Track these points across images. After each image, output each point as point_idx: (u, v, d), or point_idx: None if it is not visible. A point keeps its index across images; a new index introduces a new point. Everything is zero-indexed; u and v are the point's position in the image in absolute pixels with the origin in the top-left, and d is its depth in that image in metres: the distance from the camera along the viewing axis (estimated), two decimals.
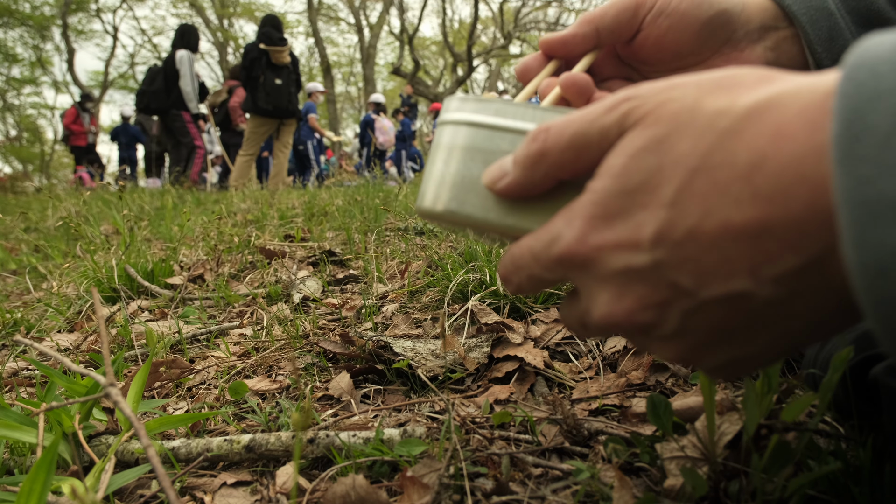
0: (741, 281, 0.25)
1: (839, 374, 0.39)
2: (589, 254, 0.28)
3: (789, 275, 0.24)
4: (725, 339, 0.28)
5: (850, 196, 0.21)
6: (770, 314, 0.26)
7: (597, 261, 0.28)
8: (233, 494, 0.56)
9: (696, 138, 0.26)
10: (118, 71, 24.42)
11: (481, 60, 21.53)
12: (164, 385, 0.89)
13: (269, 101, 5.36)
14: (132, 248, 1.69)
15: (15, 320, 1.28)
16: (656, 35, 0.48)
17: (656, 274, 0.27)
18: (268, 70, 5.34)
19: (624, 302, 0.28)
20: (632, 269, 0.27)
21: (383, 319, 1.05)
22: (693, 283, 0.26)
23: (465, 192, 0.34)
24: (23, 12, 19.76)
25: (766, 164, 0.24)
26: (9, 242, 2.54)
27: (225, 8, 22.37)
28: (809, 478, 0.39)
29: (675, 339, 0.29)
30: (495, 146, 0.34)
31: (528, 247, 0.32)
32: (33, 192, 6.35)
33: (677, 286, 0.27)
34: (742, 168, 0.24)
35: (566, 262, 0.30)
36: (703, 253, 0.26)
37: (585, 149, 0.29)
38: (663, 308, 0.28)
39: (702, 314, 0.27)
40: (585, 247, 0.28)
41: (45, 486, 0.41)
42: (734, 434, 0.46)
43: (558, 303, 1.01)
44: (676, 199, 0.26)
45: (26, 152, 24.68)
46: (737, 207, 0.24)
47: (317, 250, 1.66)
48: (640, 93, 0.28)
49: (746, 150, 0.24)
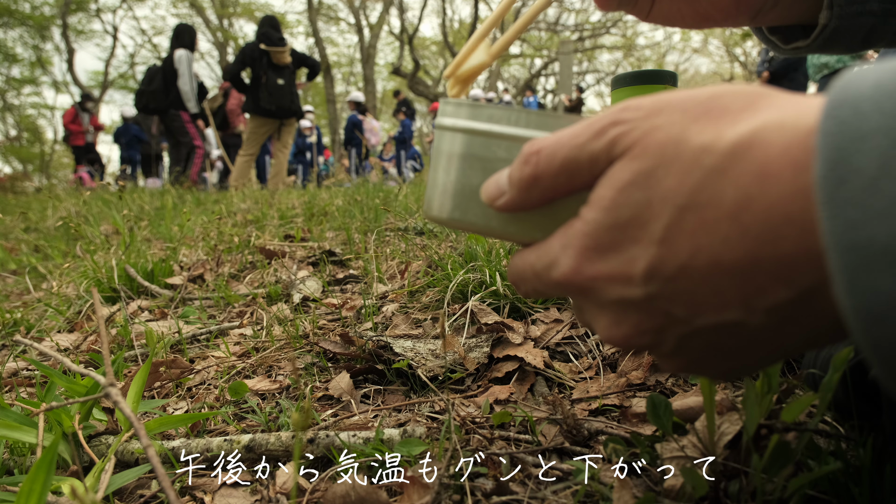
0: (733, 312, 0.26)
1: (839, 374, 0.39)
2: (584, 283, 0.29)
3: (781, 306, 0.25)
4: (723, 355, 0.29)
5: (838, 240, 0.21)
6: (765, 337, 0.27)
7: (593, 290, 0.29)
8: (233, 494, 0.56)
9: (682, 175, 0.26)
10: (118, 71, 24.42)
11: None
12: (164, 385, 0.89)
13: (271, 101, 5.37)
14: (132, 248, 1.69)
15: (15, 320, 1.28)
16: None
17: (650, 304, 0.28)
18: (269, 70, 5.35)
19: (621, 328, 0.30)
20: (626, 299, 0.28)
21: (383, 319, 1.05)
22: (686, 313, 0.27)
23: (466, 201, 0.35)
24: (23, 12, 19.76)
25: (752, 205, 0.24)
26: (9, 242, 2.54)
27: (225, 8, 22.37)
28: (809, 478, 0.39)
29: (675, 356, 0.30)
30: (492, 154, 0.34)
31: (530, 264, 0.33)
32: (33, 192, 6.35)
33: (671, 315, 0.28)
34: (729, 207, 0.24)
35: (564, 287, 0.31)
36: (695, 287, 0.26)
37: (577, 173, 0.30)
38: (659, 333, 0.29)
39: (697, 338, 0.28)
40: (581, 276, 0.29)
41: (45, 486, 0.41)
42: (734, 434, 0.46)
43: (558, 303, 1.01)
44: (666, 236, 0.26)
45: (26, 152, 24.68)
46: (726, 245, 0.25)
47: (317, 250, 1.66)
48: (627, 117, 0.28)
49: (733, 190, 0.24)
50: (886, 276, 0.20)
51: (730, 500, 0.45)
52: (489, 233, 0.35)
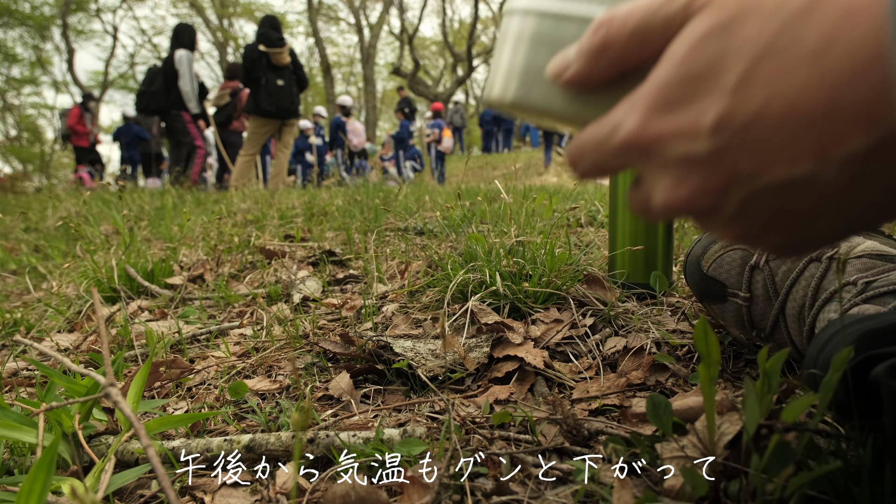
0: (806, 164, 0.25)
1: (839, 374, 0.39)
2: (648, 142, 0.29)
3: (858, 156, 0.24)
4: (788, 222, 0.28)
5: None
6: (836, 197, 0.26)
7: (656, 148, 0.29)
8: (233, 494, 0.56)
9: (763, 22, 0.25)
10: (118, 71, 24.43)
11: (481, 60, 21.52)
12: (164, 385, 0.89)
13: (271, 102, 5.36)
14: (132, 248, 1.69)
15: (15, 320, 1.28)
16: None
17: (715, 161, 0.27)
18: (269, 71, 5.34)
19: (682, 189, 0.29)
20: (691, 156, 0.28)
21: (383, 319, 1.05)
22: (754, 168, 0.26)
23: (531, 82, 0.35)
24: (23, 12, 19.75)
25: (835, 46, 0.23)
26: (9, 242, 2.54)
27: (225, 8, 22.36)
28: (809, 477, 0.39)
29: (736, 222, 0.29)
30: (561, 34, 0.34)
31: (591, 135, 0.32)
32: (33, 192, 6.34)
33: (737, 172, 0.27)
34: (810, 50, 0.24)
35: (626, 150, 0.30)
36: (765, 138, 0.25)
37: (649, 38, 0.30)
38: (722, 193, 0.28)
39: (762, 199, 0.27)
40: (645, 135, 0.29)
41: (45, 486, 0.41)
42: (734, 434, 0.46)
43: (558, 303, 1.01)
44: (739, 85, 0.26)
45: (26, 152, 24.67)
46: (803, 91, 0.24)
47: (317, 250, 1.66)
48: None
49: (816, 31, 0.24)
50: None
51: (730, 500, 0.45)
52: (550, 115, 0.35)
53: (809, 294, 0.63)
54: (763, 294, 0.69)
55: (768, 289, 0.68)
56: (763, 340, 0.72)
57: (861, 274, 0.60)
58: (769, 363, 0.42)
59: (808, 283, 0.64)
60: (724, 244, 0.73)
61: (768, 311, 0.69)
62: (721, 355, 0.74)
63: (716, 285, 0.73)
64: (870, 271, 0.60)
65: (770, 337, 0.70)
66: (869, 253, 0.62)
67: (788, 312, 0.66)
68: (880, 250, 0.63)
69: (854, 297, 0.58)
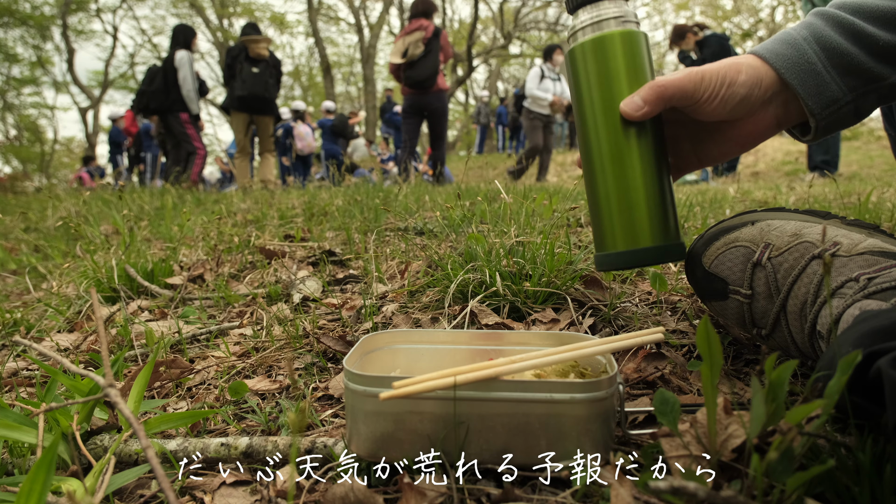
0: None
1: (846, 378, 0.39)
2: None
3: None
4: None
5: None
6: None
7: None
8: (232, 494, 0.56)
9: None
10: (118, 71, 24.41)
11: (481, 60, 21.51)
12: (164, 385, 0.89)
13: (243, 87, 5.48)
14: (132, 248, 1.69)
15: (15, 320, 1.28)
16: (706, 108, 0.66)
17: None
18: (245, 62, 5.52)
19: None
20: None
21: (383, 319, 1.05)
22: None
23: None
24: (23, 12, 19.74)
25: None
26: (9, 242, 2.54)
27: (225, 8, 22.36)
28: (808, 476, 0.39)
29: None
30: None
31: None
32: (33, 192, 6.34)
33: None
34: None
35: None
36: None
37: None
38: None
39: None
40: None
41: (44, 487, 0.41)
42: (742, 437, 0.46)
43: (558, 303, 1.01)
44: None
45: (26, 152, 24.66)
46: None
47: (317, 250, 1.66)
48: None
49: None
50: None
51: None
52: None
53: (811, 291, 0.63)
54: (765, 291, 0.69)
55: (770, 286, 0.68)
56: (763, 339, 0.72)
57: (863, 270, 0.60)
58: (775, 374, 0.42)
59: (811, 280, 0.64)
60: (725, 242, 0.73)
61: (769, 309, 0.69)
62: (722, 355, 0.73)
63: (717, 282, 0.73)
64: (871, 268, 0.60)
65: (771, 335, 0.70)
66: (871, 250, 0.63)
67: (790, 310, 0.66)
68: (882, 247, 0.63)
69: (856, 293, 0.58)
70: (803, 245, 0.67)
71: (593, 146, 0.70)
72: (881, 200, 2.12)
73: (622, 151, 0.68)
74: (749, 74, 0.65)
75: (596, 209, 0.72)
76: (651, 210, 0.68)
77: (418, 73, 4.95)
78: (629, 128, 0.67)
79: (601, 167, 0.69)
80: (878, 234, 0.68)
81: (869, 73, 0.63)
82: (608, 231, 0.70)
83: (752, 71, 0.65)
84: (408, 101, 5.21)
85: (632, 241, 0.68)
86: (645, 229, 0.68)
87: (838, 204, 2.06)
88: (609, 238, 0.70)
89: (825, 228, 0.64)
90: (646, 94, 0.66)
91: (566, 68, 0.75)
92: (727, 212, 2.01)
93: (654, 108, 0.66)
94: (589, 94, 0.70)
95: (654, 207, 0.68)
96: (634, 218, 0.68)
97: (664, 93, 0.65)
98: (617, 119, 0.68)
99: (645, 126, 0.68)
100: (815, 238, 0.67)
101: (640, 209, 0.68)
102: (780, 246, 0.69)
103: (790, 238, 0.69)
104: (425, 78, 4.97)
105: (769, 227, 0.71)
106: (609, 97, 0.69)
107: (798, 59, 0.64)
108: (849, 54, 0.63)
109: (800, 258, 0.66)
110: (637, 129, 0.68)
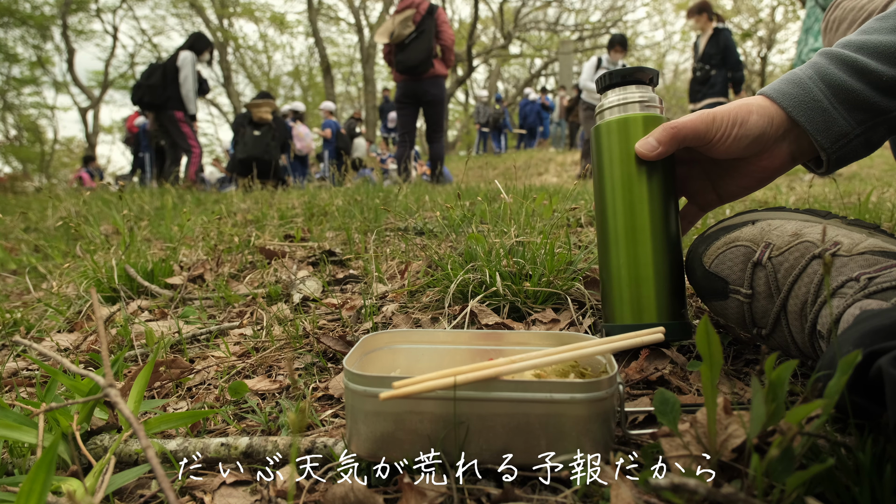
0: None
1: (846, 378, 0.39)
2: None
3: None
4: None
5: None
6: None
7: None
8: (232, 494, 0.56)
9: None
10: (118, 71, 24.40)
11: (481, 60, 21.51)
12: (164, 385, 0.89)
13: (244, 150, 5.70)
14: (132, 248, 1.69)
15: (15, 320, 1.28)
16: (720, 148, 0.70)
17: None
18: (248, 126, 5.80)
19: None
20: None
21: (383, 319, 1.05)
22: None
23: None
24: (23, 12, 19.73)
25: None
26: (9, 242, 2.54)
27: (225, 8, 22.35)
28: (808, 475, 0.39)
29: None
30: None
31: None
32: (33, 192, 6.34)
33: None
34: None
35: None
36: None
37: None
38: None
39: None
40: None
41: (44, 487, 0.41)
42: (742, 437, 0.46)
43: (558, 303, 1.01)
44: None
45: (26, 152, 24.65)
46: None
47: (317, 250, 1.66)
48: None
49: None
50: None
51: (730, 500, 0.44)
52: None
53: (812, 291, 0.63)
54: (765, 291, 0.69)
55: (770, 286, 0.68)
56: (763, 339, 0.72)
57: (863, 270, 0.60)
58: (775, 374, 0.42)
59: (811, 280, 0.64)
60: (726, 241, 0.73)
61: (770, 309, 0.69)
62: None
63: (717, 282, 0.73)
64: (872, 267, 0.60)
65: (771, 335, 0.70)
66: (871, 250, 0.63)
67: (790, 310, 0.66)
68: (882, 247, 0.63)
69: (857, 292, 0.58)
70: (804, 245, 0.67)
71: (609, 219, 0.76)
72: (881, 200, 2.12)
73: (637, 228, 0.74)
74: (760, 114, 0.68)
75: (607, 280, 0.77)
76: (659, 287, 0.73)
77: (409, 57, 4.38)
78: (645, 207, 0.74)
79: (615, 240, 0.75)
80: (878, 233, 0.68)
81: (875, 106, 0.65)
82: (617, 303, 0.75)
83: (763, 111, 0.68)
84: (401, 88, 4.64)
85: (637, 316, 0.74)
86: (651, 306, 0.73)
87: (838, 204, 2.06)
88: (618, 310, 0.75)
89: (825, 228, 0.64)
90: (660, 134, 0.71)
91: (591, 144, 0.81)
92: (727, 211, 2.01)
93: (668, 148, 0.71)
94: (610, 170, 0.76)
95: (662, 285, 0.73)
96: (642, 294, 0.73)
97: (677, 134, 0.69)
98: (634, 196, 0.74)
99: (661, 205, 0.73)
100: (815, 238, 0.67)
101: (648, 286, 0.73)
102: (781, 245, 0.69)
103: (791, 238, 0.69)
104: (418, 62, 4.39)
105: (770, 227, 0.71)
106: (627, 174, 0.74)
107: (804, 98, 0.67)
108: (854, 90, 0.65)
109: (800, 258, 0.66)
110: (653, 208, 0.73)
